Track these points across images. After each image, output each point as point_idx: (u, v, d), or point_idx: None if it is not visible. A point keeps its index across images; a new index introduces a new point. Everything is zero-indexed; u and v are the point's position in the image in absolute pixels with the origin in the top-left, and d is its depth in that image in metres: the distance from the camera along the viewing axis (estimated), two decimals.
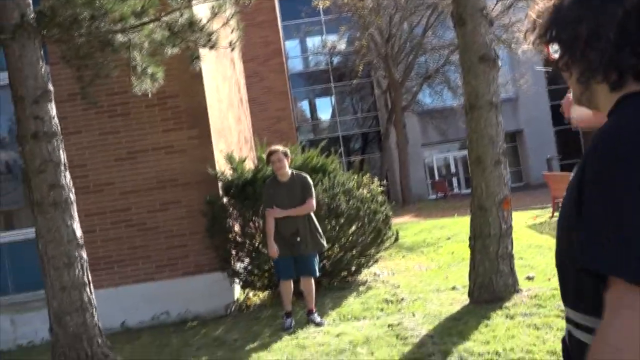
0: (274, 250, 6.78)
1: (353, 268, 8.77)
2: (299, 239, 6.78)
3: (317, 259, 7.06)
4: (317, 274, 7.06)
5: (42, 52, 6.06)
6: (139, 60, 6.57)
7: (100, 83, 7.13)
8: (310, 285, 6.97)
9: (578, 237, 1.19)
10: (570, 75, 1.38)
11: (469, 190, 8.96)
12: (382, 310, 7.10)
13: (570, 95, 1.58)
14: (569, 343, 1.38)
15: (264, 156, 7.38)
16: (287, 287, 6.98)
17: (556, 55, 1.37)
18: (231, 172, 8.53)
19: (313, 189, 7.02)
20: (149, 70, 6.70)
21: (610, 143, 1.19)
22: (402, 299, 7.41)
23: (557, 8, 1.35)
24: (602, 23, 1.25)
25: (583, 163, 1.24)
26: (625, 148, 1.16)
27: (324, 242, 7.11)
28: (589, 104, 1.41)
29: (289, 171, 6.99)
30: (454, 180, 36.21)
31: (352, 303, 7.60)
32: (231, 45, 7.38)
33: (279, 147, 7.06)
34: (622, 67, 1.25)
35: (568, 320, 1.37)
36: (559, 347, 4.73)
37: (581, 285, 1.27)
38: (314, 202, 6.96)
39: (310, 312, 6.99)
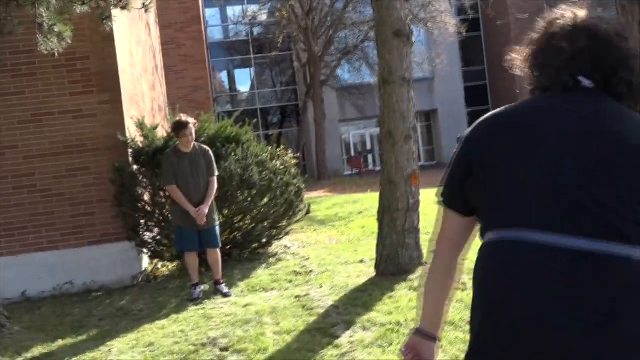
0: (197, 211, 6.61)
1: (264, 240, 8.78)
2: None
3: (218, 230, 7.03)
4: (219, 242, 7.04)
5: None
6: (46, 17, 6.28)
7: (5, 40, 6.79)
8: (216, 255, 6.93)
9: None
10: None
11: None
12: (290, 282, 7.15)
13: None
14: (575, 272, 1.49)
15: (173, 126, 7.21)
16: (193, 259, 6.91)
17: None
18: (142, 139, 8.33)
19: (214, 166, 6.96)
20: (57, 29, 6.41)
21: None
22: (311, 271, 7.48)
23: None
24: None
25: None
26: None
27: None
28: None
29: (195, 143, 6.92)
30: (369, 156, 36.72)
31: (261, 274, 7.61)
32: (145, 6, 7.16)
33: (190, 120, 6.90)
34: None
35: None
36: (457, 317, 4.92)
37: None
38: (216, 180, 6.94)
39: (217, 282, 6.96)
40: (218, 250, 6.97)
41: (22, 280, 7.63)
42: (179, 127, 6.83)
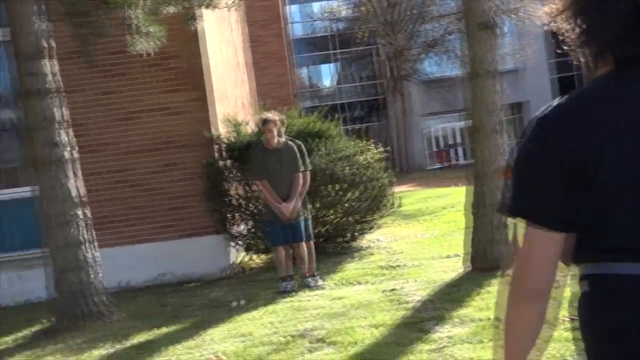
0: (284, 207, 6.66)
1: (356, 233, 8.74)
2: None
3: (307, 224, 6.99)
4: (311, 237, 7.00)
5: (43, 8, 5.96)
6: (136, 19, 6.45)
7: (97, 42, 7.00)
8: (301, 250, 6.89)
9: None
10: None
11: (470, 161, 8.95)
12: (381, 275, 7.10)
13: None
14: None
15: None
16: (280, 252, 6.91)
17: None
18: (231, 134, 8.43)
19: (301, 160, 6.87)
20: (147, 30, 6.58)
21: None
22: (402, 265, 7.42)
23: None
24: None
25: None
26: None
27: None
28: None
29: (281, 139, 6.89)
30: (455, 150, 36.09)
31: (352, 267, 7.63)
32: (231, 5, 7.25)
33: (275, 116, 6.94)
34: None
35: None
36: (552, 315, 4.74)
37: None
38: (302, 175, 6.87)
39: (304, 276, 6.95)
40: (304, 244, 6.92)
41: (121, 270, 7.84)
42: (261, 124, 6.98)
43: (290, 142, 7.00)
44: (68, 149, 6.09)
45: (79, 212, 6.11)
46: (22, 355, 5.71)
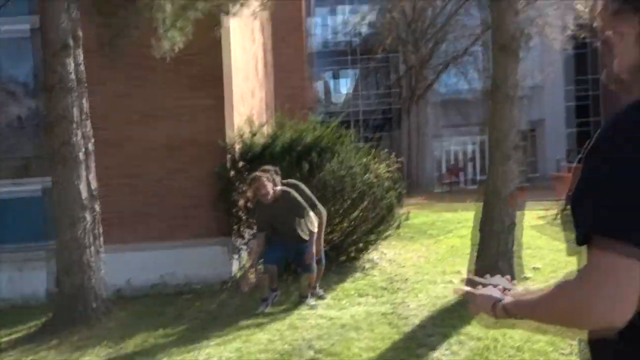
0: (245, 282, 6.54)
1: (360, 245, 8.76)
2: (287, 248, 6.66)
3: (321, 255, 6.87)
4: (313, 269, 6.78)
5: (66, 5, 6.04)
6: (162, 22, 6.53)
7: (120, 44, 7.06)
8: (303, 278, 6.78)
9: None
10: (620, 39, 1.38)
11: (475, 187, 8.95)
12: (385, 289, 7.14)
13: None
14: None
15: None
16: (272, 272, 6.70)
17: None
18: (240, 145, 8.41)
19: (301, 206, 6.62)
20: (171, 34, 6.65)
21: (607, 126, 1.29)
22: (406, 279, 7.46)
23: None
24: None
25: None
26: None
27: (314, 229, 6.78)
28: (632, 83, 1.39)
29: (277, 189, 6.62)
30: (464, 172, 35.90)
31: (356, 281, 7.65)
32: (255, 13, 7.30)
33: (268, 170, 6.69)
34: None
35: None
36: (557, 338, 4.76)
37: None
38: (310, 218, 6.66)
39: (306, 295, 6.80)
40: (305, 276, 6.78)
41: (123, 273, 7.84)
42: (249, 184, 6.74)
43: (286, 190, 6.68)
44: (83, 147, 6.12)
45: (87, 214, 6.14)
46: (17, 350, 5.77)
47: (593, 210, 1.23)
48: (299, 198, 6.61)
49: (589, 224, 1.23)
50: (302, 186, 6.86)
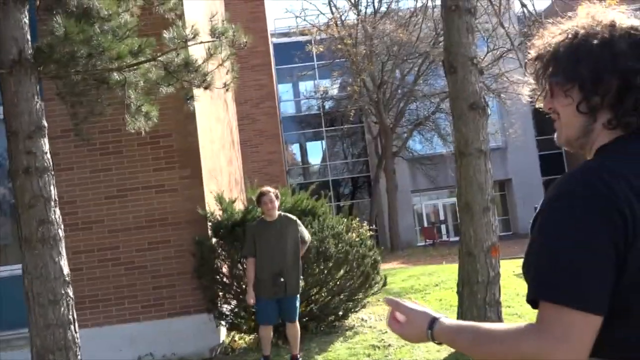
0: (251, 297, 6.73)
1: (340, 312, 8.71)
2: (282, 279, 6.67)
3: (299, 303, 7.02)
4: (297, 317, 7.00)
5: (37, 88, 6.08)
6: (134, 98, 6.61)
7: (93, 120, 7.14)
8: (295, 330, 6.90)
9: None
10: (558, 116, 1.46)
11: (457, 238, 9.01)
12: (368, 355, 7.04)
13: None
14: None
15: (254, 198, 7.36)
16: (267, 332, 6.89)
17: (554, 85, 1.43)
18: (221, 212, 8.51)
19: (303, 228, 7.05)
20: (143, 109, 6.73)
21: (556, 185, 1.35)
22: (389, 345, 7.36)
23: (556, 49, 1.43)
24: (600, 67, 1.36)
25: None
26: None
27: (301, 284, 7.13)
28: (582, 148, 1.46)
29: (277, 212, 6.98)
30: (443, 227, 36.21)
31: (338, 348, 7.53)
32: (225, 86, 7.45)
33: (271, 189, 7.07)
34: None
35: None
36: None
37: None
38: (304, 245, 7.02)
39: (294, 357, 6.90)
40: (297, 324, 6.93)
41: (105, 351, 7.78)
42: (258, 196, 7.01)
43: (289, 215, 7.08)
44: (55, 226, 6.07)
45: (66, 291, 6.05)
46: None
47: (537, 278, 1.31)
48: (300, 223, 7.02)
49: (535, 292, 1.31)
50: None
